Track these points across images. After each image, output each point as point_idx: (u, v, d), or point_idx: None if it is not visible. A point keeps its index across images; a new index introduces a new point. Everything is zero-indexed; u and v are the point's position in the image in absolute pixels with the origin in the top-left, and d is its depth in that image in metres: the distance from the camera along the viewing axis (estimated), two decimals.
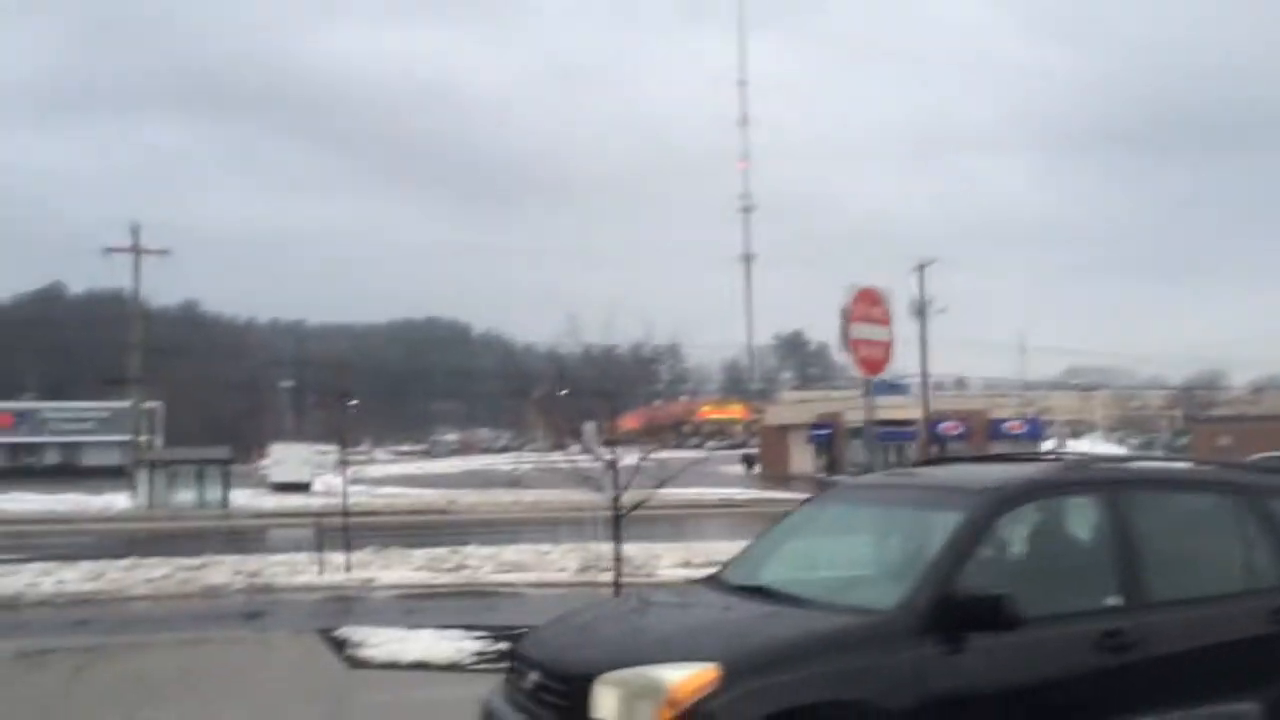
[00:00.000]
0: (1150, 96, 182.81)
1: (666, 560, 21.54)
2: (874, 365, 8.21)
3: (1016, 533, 4.61)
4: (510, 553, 21.32)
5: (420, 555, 20.60)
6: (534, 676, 4.26)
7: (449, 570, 19.66)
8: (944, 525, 4.41)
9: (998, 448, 63.71)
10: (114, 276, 72.56)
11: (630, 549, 22.73)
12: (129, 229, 44.26)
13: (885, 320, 8.29)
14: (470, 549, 21.54)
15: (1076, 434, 79.37)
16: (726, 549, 22.71)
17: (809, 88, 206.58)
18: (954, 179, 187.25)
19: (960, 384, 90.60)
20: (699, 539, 27.27)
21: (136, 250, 44.04)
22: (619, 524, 9.39)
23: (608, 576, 17.30)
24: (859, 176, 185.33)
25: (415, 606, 13.36)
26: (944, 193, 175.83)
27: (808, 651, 3.93)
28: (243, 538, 32.21)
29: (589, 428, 24.45)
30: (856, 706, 3.85)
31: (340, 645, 8.93)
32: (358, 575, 16.26)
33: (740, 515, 40.49)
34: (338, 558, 17.83)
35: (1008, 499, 4.50)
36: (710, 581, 5.13)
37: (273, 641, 9.75)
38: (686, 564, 21.24)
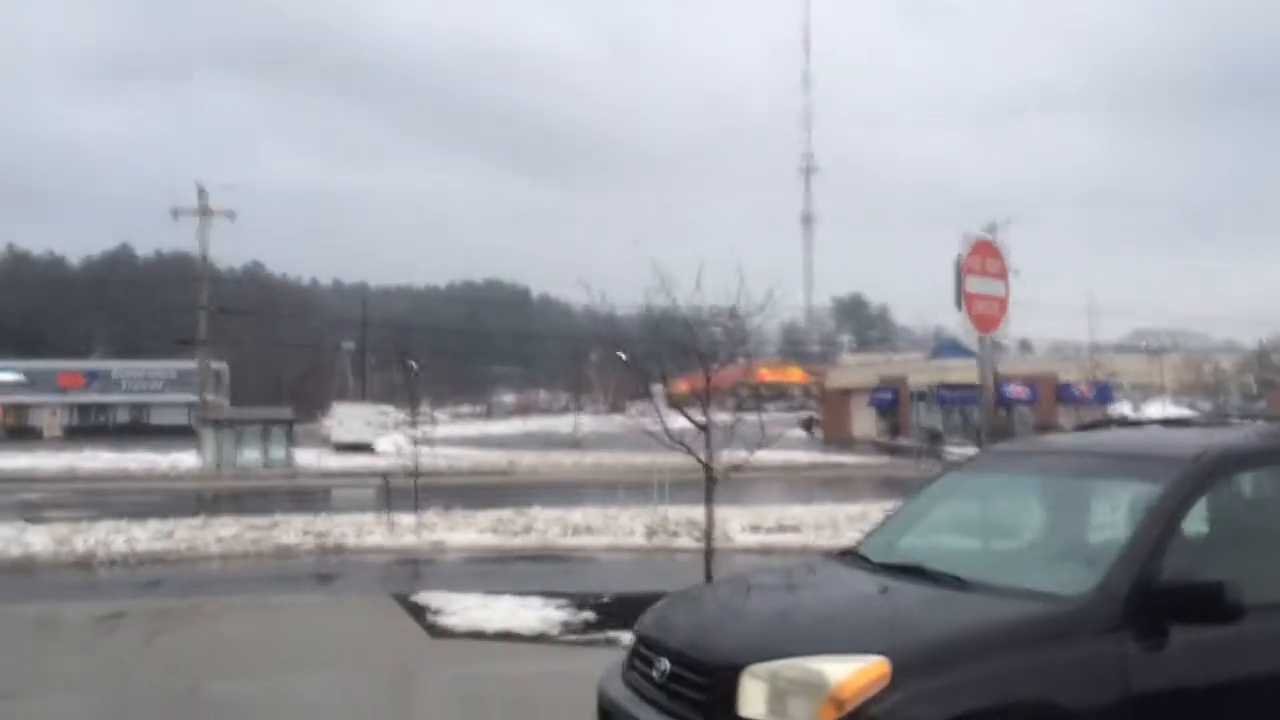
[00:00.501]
0: (1224, 51, 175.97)
1: (735, 524, 21.03)
2: (988, 322, 7.49)
3: (1221, 507, 3.94)
4: (577, 515, 20.98)
5: (486, 517, 20.32)
6: (665, 664, 3.72)
7: (517, 533, 19.36)
8: (1137, 499, 3.78)
9: (1065, 412, 62.18)
10: (181, 238, 73.41)
11: (696, 513, 22.37)
12: (195, 191, 44.53)
13: (1001, 274, 7.57)
14: (536, 510, 21.22)
15: (1145, 398, 77.22)
16: (797, 513, 22.26)
17: (871, 50, 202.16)
18: (1020, 139, 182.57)
19: (1024, 346, 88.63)
20: (766, 503, 26.74)
21: (203, 212, 44.26)
22: (711, 487, 8.84)
23: (683, 541, 16.86)
24: (922, 138, 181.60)
25: (488, 570, 12.98)
26: (1009, 153, 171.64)
27: (989, 645, 3.34)
28: (309, 497, 32.35)
29: (657, 390, 24.04)
30: (1047, 710, 3.27)
31: (419, 611, 8.51)
32: (427, 537, 15.96)
33: (803, 479, 39.89)
34: (405, 519, 17.59)
35: (1213, 469, 3.83)
36: (848, 557, 4.52)
37: (348, 605, 9.40)
38: (755, 527, 20.76)
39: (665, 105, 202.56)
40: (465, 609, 8.40)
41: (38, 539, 16.46)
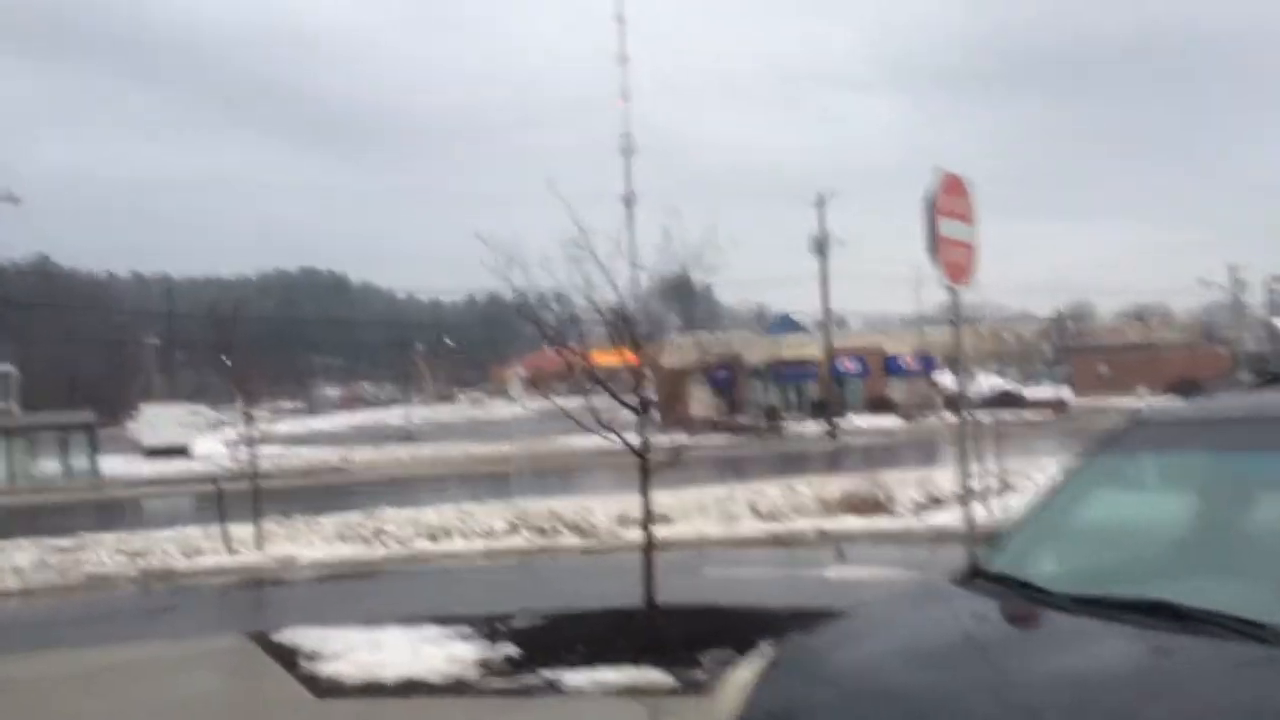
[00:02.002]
0: (1005, 31, 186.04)
1: (600, 514, 19.98)
2: (959, 271, 6.48)
3: None
4: (431, 514, 19.38)
5: (331, 523, 18.47)
6: None
7: (368, 539, 17.65)
8: None
9: (893, 384, 63.95)
10: None
11: (560, 505, 21.08)
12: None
13: (969, 217, 6.56)
14: (386, 512, 19.50)
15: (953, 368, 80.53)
16: (664, 501, 21.32)
17: (668, 26, 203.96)
18: (820, 116, 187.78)
19: (840, 322, 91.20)
20: (626, 490, 25.74)
21: None
22: (647, 475, 7.62)
23: (567, 540, 15.50)
24: (727, 117, 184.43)
25: (352, 589, 11.26)
26: (813, 130, 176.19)
27: None
28: (121, 510, 29.29)
29: (515, 376, 22.69)
30: None
31: (290, 657, 6.87)
32: (271, 552, 14.06)
33: (655, 463, 39.14)
34: (240, 531, 15.56)
35: None
36: (999, 585, 2.91)
37: (195, 656, 7.58)
38: (623, 519, 19.72)
39: (470, 79, 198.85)
40: (349, 649, 6.84)
41: None
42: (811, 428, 51.91)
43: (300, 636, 7.42)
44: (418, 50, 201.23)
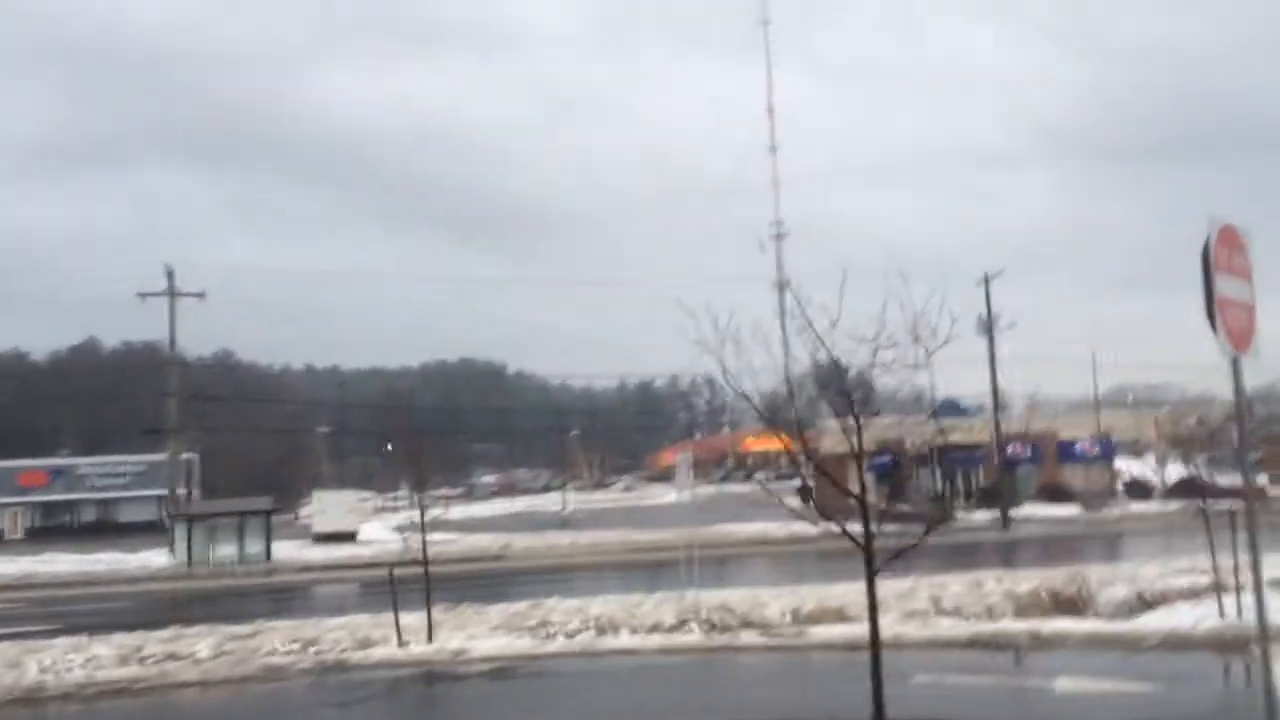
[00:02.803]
0: (1168, 105, 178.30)
1: (774, 608, 18.98)
2: (1242, 337, 5.50)
3: None
4: (597, 605, 18.80)
5: (496, 612, 18.12)
6: None
7: (535, 630, 17.19)
8: None
9: (1069, 471, 60.33)
10: (147, 329, 71.07)
11: (730, 595, 20.18)
12: (162, 274, 42.36)
13: (1247, 274, 5.61)
14: (551, 603, 19.05)
15: (1136, 453, 75.88)
16: (838, 594, 20.14)
17: (811, 113, 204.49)
18: (970, 197, 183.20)
19: (1003, 405, 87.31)
20: (797, 581, 24.59)
21: (171, 294, 42.05)
22: (872, 573, 6.80)
23: (747, 637, 14.50)
24: (872, 200, 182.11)
25: (532, 690, 10.58)
26: (962, 211, 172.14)
27: None
28: (292, 596, 29.81)
29: (683, 461, 22.05)
30: None
31: None
32: (443, 644, 13.64)
33: (821, 551, 37.58)
34: (409, 620, 15.28)
35: None
36: None
37: None
38: (797, 613, 18.66)
39: (608, 173, 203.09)
40: None
41: None
42: (980, 517, 49.29)
43: None
44: (565, 143, 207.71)
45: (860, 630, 13.69)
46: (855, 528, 7.61)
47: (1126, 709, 7.96)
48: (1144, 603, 19.62)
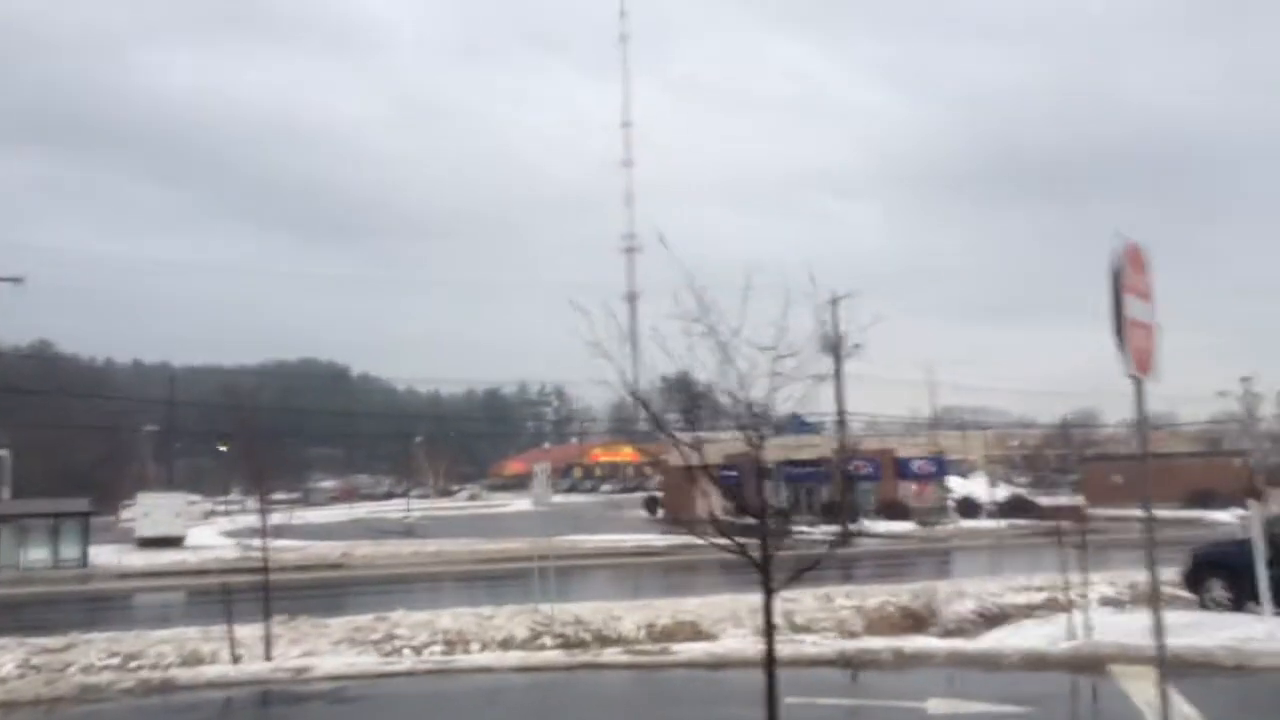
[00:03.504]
0: (990, 140, 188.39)
1: (629, 622, 18.66)
2: (1144, 359, 5.43)
3: None
4: (446, 618, 18.17)
5: (339, 625, 17.23)
6: None
7: (381, 644, 16.32)
8: None
9: (905, 487, 62.46)
10: None
11: (581, 609, 19.75)
12: None
13: (1148, 295, 5.56)
14: (397, 615, 18.28)
15: (963, 473, 79.45)
16: (691, 607, 19.99)
17: (665, 131, 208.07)
18: (817, 220, 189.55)
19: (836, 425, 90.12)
20: (649, 594, 24.36)
21: None
22: (769, 587, 6.44)
23: (610, 654, 13.98)
24: (723, 217, 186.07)
25: (394, 716, 9.84)
26: (808, 234, 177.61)
27: None
28: (111, 605, 27.76)
29: (541, 471, 21.52)
30: None
31: None
32: (282, 662, 12.70)
33: (668, 564, 37.62)
34: (243, 632, 14.23)
35: None
36: None
37: None
38: (652, 628, 18.39)
39: (462, 178, 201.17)
40: None
41: None
42: (821, 531, 50.42)
43: None
44: (418, 145, 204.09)
45: (721, 648, 13.52)
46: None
47: None
48: (986, 619, 20.20)
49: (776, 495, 59.67)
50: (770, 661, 6.26)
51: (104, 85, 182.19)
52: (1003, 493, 69.24)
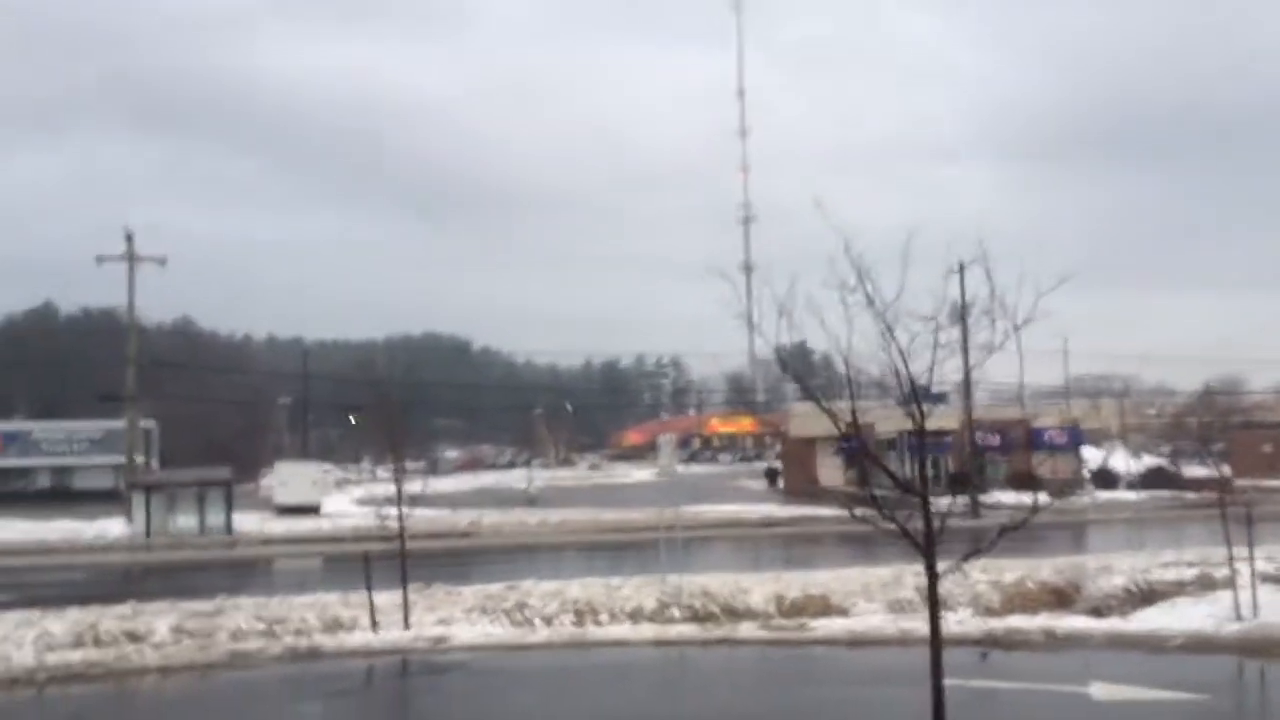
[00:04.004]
0: (1112, 102, 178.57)
1: (757, 595, 18.40)
2: None
3: None
4: (575, 588, 18.14)
5: (471, 594, 17.37)
6: None
7: (512, 613, 16.45)
8: None
9: (1039, 460, 60.36)
10: (106, 294, 69.20)
11: (709, 581, 19.55)
12: (122, 239, 40.81)
13: None
14: (528, 585, 18.34)
15: (1096, 442, 76.40)
16: (821, 581, 19.61)
17: (769, 100, 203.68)
18: (925, 190, 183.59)
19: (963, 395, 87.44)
20: (774, 566, 24.08)
21: (131, 258, 40.62)
22: (934, 572, 6.09)
23: (746, 629, 13.70)
24: (829, 186, 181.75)
25: (524, 688, 9.77)
26: (917, 203, 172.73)
27: None
28: (255, 570, 28.85)
29: (666, 442, 21.40)
30: None
31: None
32: (421, 631, 12.87)
33: (791, 535, 37.25)
34: (381, 599, 14.49)
35: None
36: None
37: None
38: (781, 601, 18.10)
39: (567, 153, 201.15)
40: None
41: None
42: (946, 503, 49.16)
43: None
44: (521, 120, 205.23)
45: (859, 625, 13.16)
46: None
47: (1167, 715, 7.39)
48: (1134, 596, 19.26)
49: (900, 466, 58.62)
50: (936, 644, 5.92)
51: (209, 67, 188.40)
52: (1142, 463, 66.42)
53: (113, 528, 37.08)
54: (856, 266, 5.98)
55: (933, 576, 6.02)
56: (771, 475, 72.86)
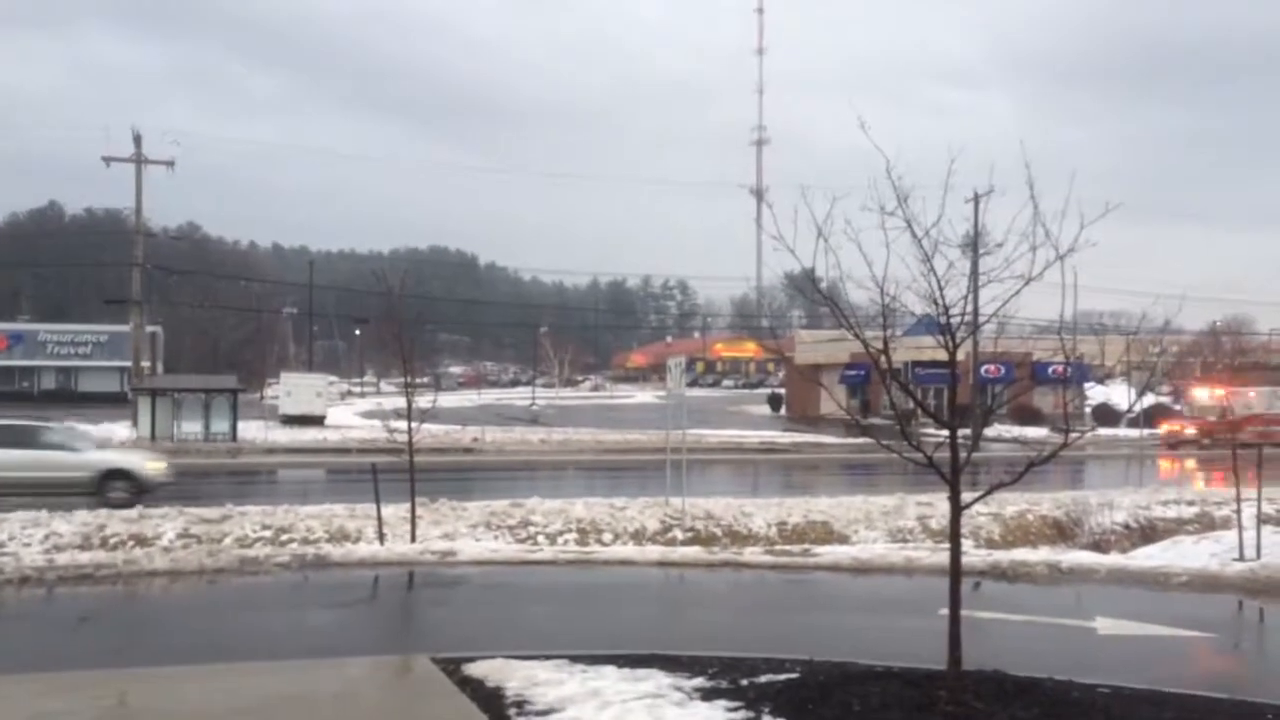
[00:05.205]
0: (1139, 30, 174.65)
1: (759, 519, 18.55)
2: None
3: None
4: (579, 508, 18.32)
5: (476, 510, 17.51)
6: None
7: (514, 528, 16.64)
8: None
9: (1039, 393, 60.38)
10: (112, 196, 68.80)
11: (711, 505, 19.67)
12: (129, 141, 40.27)
13: None
14: (532, 503, 18.50)
15: (1099, 379, 76.14)
16: (822, 507, 19.70)
17: (782, 19, 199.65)
18: (936, 114, 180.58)
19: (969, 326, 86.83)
20: (775, 492, 24.20)
21: (139, 160, 40.10)
22: (959, 506, 6.02)
23: (751, 554, 13.68)
24: (839, 111, 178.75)
25: (531, 600, 9.71)
26: (928, 128, 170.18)
27: None
28: (259, 478, 29.09)
29: (676, 364, 21.29)
30: None
31: (496, 705, 5.54)
32: (428, 545, 12.95)
33: (792, 462, 37.44)
34: (386, 512, 14.56)
35: None
36: None
37: (383, 683, 6.37)
38: (783, 526, 18.25)
39: (578, 67, 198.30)
40: (566, 700, 5.51)
41: None
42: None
43: (499, 672, 6.12)
44: (526, 31, 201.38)
45: (864, 553, 13.18)
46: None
47: (1172, 651, 7.40)
48: (1134, 532, 19.37)
49: (903, 396, 58.56)
50: (956, 573, 5.89)
51: None
52: (1143, 401, 66.39)
53: (118, 431, 37.30)
54: (896, 190, 5.80)
55: (956, 507, 5.96)
56: (775, 401, 73.14)
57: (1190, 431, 46.56)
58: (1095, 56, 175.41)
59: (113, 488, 19.19)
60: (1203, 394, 54.42)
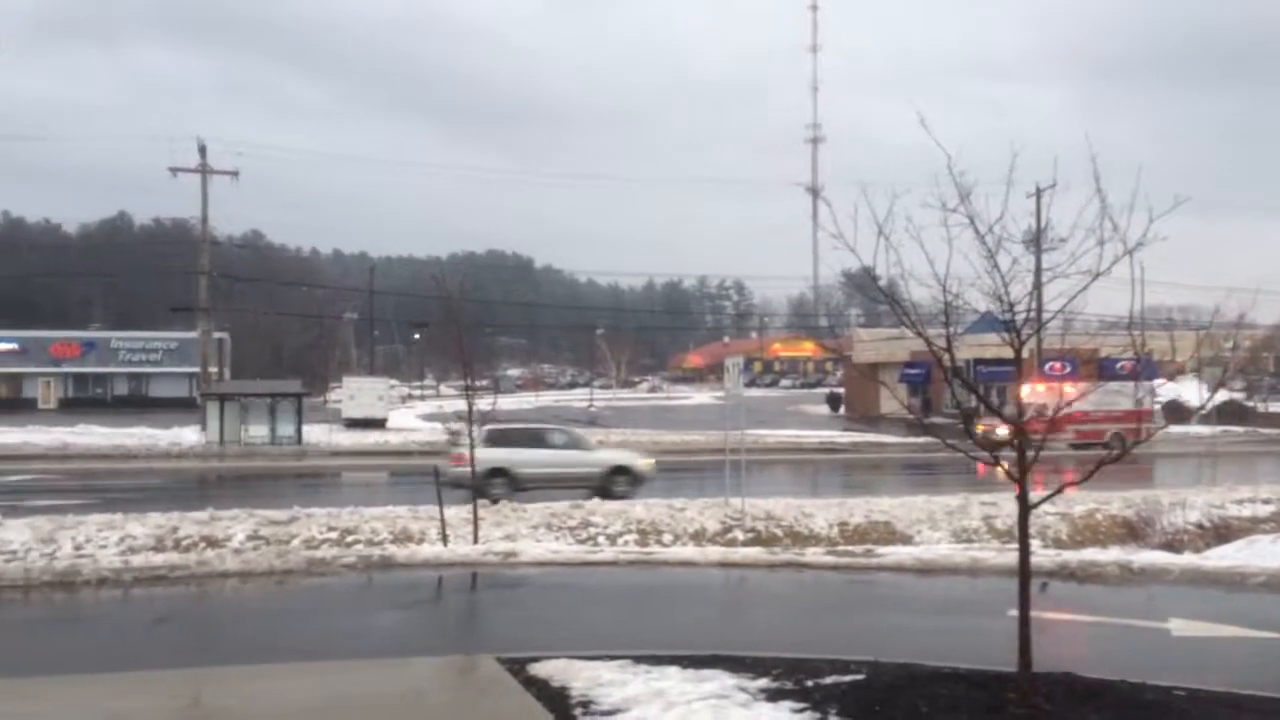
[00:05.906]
0: (1188, 20, 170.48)
1: (820, 520, 18.42)
2: None
3: None
4: (639, 509, 18.37)
5: (536, 511, 17.62)
6: None
7: (575, 529, 16.73)
8: None
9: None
10: (178, 205, 70.42)
11: (771, 505, 19.58)
12: (196, 150, 41.23)
13: None
14: (592, 504, 18.61)
15: (1169, 375, 74.34)
16: (883, 507, 19.49)
17: (836, 17, 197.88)
18: (986, 108, 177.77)
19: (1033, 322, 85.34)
20: (835, 492, 23.99)
21: (204, 170, 41.04)
22: (1027, 506, 5.92)
23: (813, 554, 13.63)
24: (889, 107, 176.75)
25: (594, 602, 9.76)
26: (980, 122, 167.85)
27: None
28: (324, 481, 29.54)
29: (734, 365, 21.24)
30: None
31: (561, 704, 5.60)
32: (490, 546, 13.07)
33: (852, 461, 37.10)
34: (446, 513, 14.73)
35: None
36: None
37: (450, 685, 6.47)
38: (845, 527, 18.11)
39: (626, 71, 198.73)
40: (631, 701, 5.53)
41: (15, 537, 13.73)
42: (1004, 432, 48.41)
43: (564, 672, 6.17)
44: (571, 38, 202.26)
45: (928, 554, 13.04)
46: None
47: (1255, 654, 7.19)
48: (1207, 532, 18.86)
49: (965, 394, 57.70)
50: (1025, 573, 5.79)
51: None
52: (1216, 397, 64.70)
53: (188, 435, 38.18)
54: (958, 186, 5.73)
55: (1024, 506, 5.87)
56: (834, 401, 72.51)
57: (1002, 432, 45.24)
58: (1144, 46, 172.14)
59: (616, 482, 21.96)
60: (1026, 390, 52.73)
